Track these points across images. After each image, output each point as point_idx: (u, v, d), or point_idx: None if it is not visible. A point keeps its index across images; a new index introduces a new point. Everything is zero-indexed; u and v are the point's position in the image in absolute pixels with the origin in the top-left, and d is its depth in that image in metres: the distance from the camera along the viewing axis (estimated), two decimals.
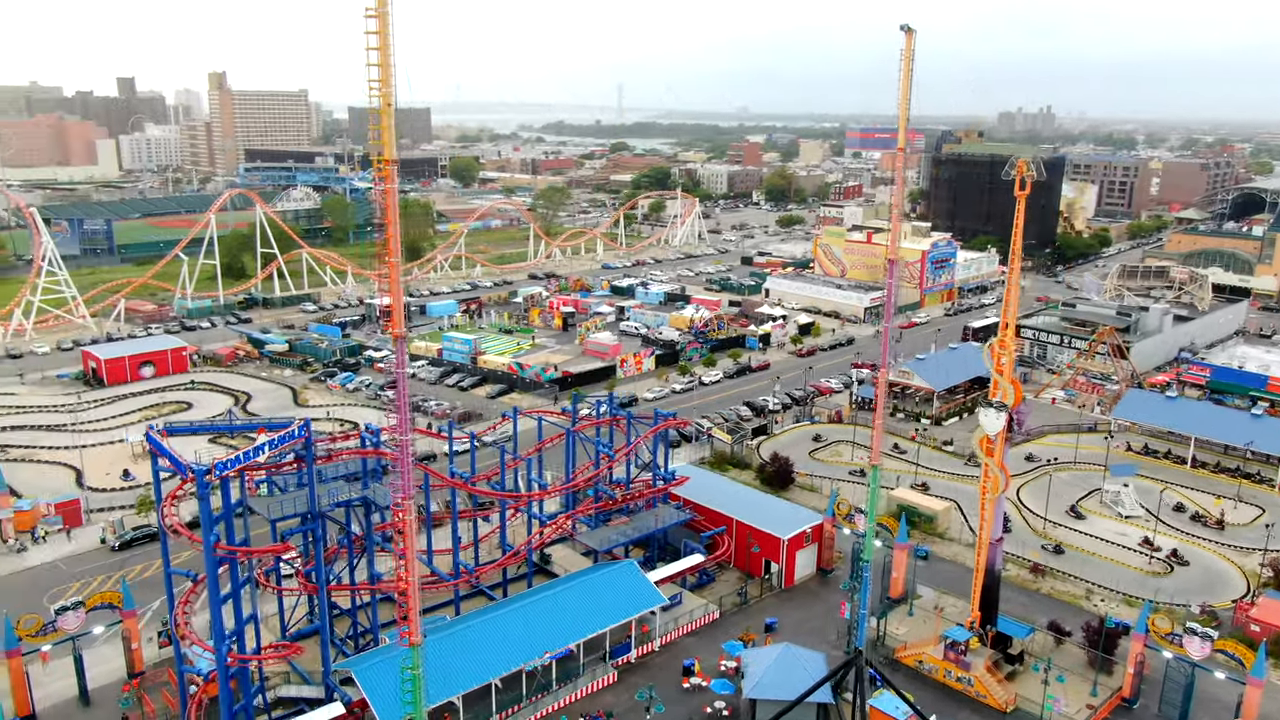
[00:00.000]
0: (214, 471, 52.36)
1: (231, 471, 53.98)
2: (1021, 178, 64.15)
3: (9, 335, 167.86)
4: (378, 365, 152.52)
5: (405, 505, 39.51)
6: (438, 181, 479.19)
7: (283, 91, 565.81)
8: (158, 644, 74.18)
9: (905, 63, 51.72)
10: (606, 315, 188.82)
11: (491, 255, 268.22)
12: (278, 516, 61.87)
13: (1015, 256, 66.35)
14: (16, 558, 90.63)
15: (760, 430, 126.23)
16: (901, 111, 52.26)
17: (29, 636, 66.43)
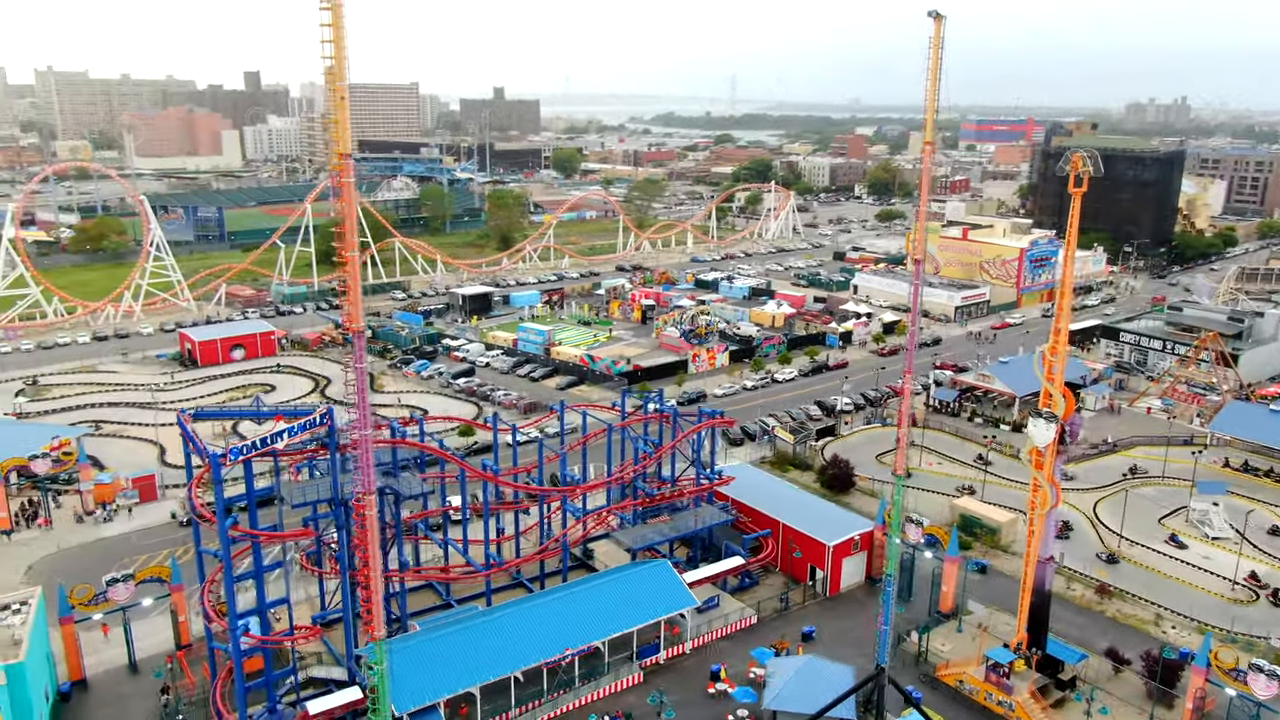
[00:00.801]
0: (228, 457, 53.63)
1: (247, 457, 55.19)
2: (1077, 174, 59.88)
3: (119, 316, 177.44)
4: (454, 354, 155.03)
5: (367, 501, 39.48)
6: (540, 173, 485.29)
7: (394, 84, 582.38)
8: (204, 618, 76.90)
9: (934, 50, 48.76)
10: (686, 309, 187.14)
11: (582, 247, 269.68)
12: (299, 502, 63.17)
13: (1069, 258, 62.14)
14: (93, 528, 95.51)
15: (827, 431, 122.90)
16: (930, 103, 49.32)
17: (81, 605, 69.64)
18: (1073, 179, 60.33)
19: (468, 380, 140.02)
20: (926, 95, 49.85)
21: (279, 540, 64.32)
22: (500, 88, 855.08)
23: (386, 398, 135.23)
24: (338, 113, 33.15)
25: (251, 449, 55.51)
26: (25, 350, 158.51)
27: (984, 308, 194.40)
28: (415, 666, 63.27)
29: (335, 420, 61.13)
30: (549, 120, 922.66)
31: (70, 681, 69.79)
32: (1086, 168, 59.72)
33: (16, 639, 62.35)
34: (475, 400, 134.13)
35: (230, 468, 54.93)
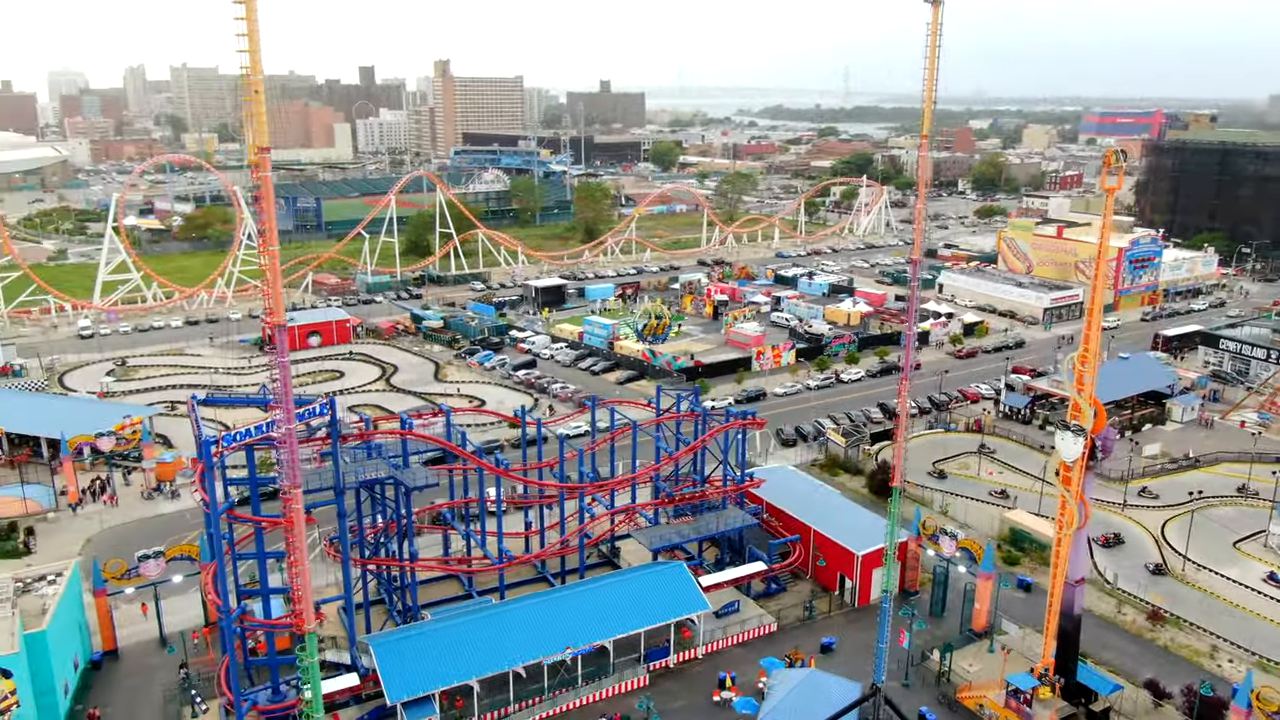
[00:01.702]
0: (220, 443, 54.91)
1: (241, 444, 56.42)
2: (1110, 169, 55.68)
3: (211, 301, 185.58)
4: (520, 345, 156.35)
5: (294, 494, 39.55)
6: (638, 166, 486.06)
7: (500, 78, 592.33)
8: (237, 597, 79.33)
9: (931, 39, 45.82)
10: (761, 305, 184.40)
11: (666, 240, 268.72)
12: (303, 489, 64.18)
13: (1101, 258, 57.87)
14: (154, 505, 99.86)
15: (885, 435, 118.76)
16: (928, 94, 46.42)
17: (114, 579, 72.75)
18: (1104, 175, 56.13)
19: (528, 372, 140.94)
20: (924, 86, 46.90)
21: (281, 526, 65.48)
22: (606, 81, 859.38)
23: (446, 387, 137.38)
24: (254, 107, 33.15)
25: (246, 436, 56.72)
26: (123, 332, 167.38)
27: (1077, 310, 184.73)
28: (413, 657, 63.77)
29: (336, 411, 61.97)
30: (654, 113, 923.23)
31: (103, 651, 73.03)
32: (1120, 163, 55.42)
33: (44, 609, 65.47)
34: (532, 392, 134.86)
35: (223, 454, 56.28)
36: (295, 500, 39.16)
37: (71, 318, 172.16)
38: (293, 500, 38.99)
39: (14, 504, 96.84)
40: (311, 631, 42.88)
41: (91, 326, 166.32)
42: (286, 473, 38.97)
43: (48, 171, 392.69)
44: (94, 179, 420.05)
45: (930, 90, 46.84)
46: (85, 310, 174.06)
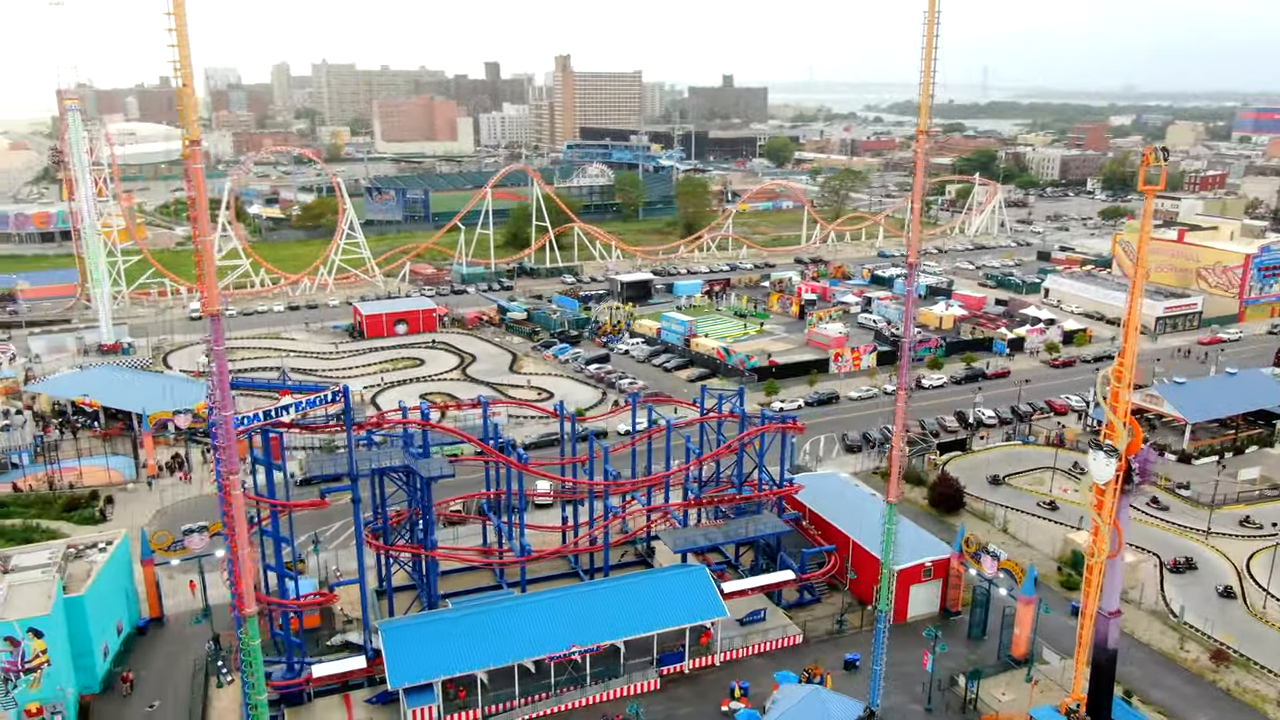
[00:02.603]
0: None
1: (250, 428, 58.26)
2: (1148, 170, 51.25)
3: (314, 288, 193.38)
4: (597, 340, 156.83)
5: (231, 480, 40.23)
6: (752, 162, 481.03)
7: (619, 73, 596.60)
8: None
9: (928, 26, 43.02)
10: (850, 305, 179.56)
11: (767, 237, 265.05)
12: (315, 475, 66.00)
13: (1140, 265, 53.39)
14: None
15: (956, 445, 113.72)
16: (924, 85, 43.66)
17: (160, 550, 76.41)
18: (1143, 175, 51.72)
19: (599, 366, 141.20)
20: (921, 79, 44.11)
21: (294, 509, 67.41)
22: (729, 76, 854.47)
23: (518, 378, 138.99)
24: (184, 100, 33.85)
25: (255, 420, 58.52)
26: (229, 316, 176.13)
27: (1194, 319, 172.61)
28: (420, 644, 64.58)
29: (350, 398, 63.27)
30: (777, 108, 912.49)
31: (148, 618, 76.91)
32: (1161, 161, 50.92)
33: (89, 574, 69.35)
34: (601, 386, 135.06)
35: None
36: (234, 486, 40.03)
37: (185, 300, 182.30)
38: (231, 486, 39.88)
39: (99, 473, 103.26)
40: (252, 615, 43.86)
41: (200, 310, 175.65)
42: (224, 458, 39.82)
43: None
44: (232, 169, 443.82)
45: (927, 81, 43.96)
46: (197, 293, 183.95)
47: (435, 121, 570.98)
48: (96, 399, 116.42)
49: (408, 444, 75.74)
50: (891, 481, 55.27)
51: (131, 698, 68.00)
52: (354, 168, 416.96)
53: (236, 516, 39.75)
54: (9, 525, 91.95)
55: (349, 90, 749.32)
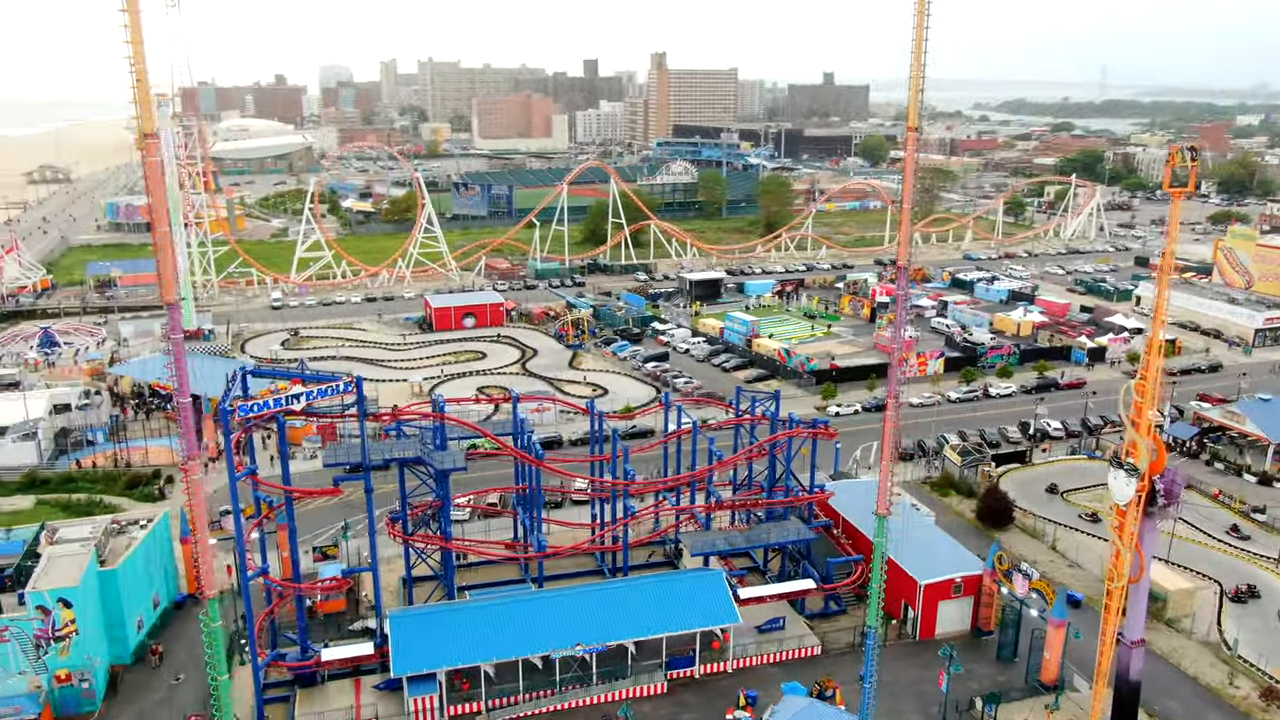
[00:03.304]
0: (237, 413, 58.50)
1: (258, 415, 59.89)
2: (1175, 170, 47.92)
3: (392, 280, 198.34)
4: (659, 339, 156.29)
5: (191, 465, 41.12)
6: (846, 160, 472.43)
7: (714, 70, 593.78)
8: (312, 558, 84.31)
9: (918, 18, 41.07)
10: (925, 309, 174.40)
11: (850, 238, 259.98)
12: (330, 463, 67.41)
13: (1164, 274, 50.02)
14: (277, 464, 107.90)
15: (1015, 457, 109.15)
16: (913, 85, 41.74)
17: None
18: (1168, 176, 48.40)
19: (656, 365, 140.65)
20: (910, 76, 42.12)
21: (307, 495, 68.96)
22: (830, 73, 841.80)
23: (574, 374, 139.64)
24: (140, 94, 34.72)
25: (264, 408, 60.10)
26: (308, 305, 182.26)
27: None
28: (426, 634, 65.40)
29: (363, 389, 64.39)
30: (879, 106, 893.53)
31: (186, 594, 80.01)
32: (1186, 163, 47.56)
33: (126, 549, 72.48)
34: (656, 384, 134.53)
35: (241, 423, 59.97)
36: (193, 470, 41.10)
37: (270, 289, 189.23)
38: (191, 470, 40.95)
39: (164, 453, 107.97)
40: (212, 598, 44.96)
41: (282, 299, 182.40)
42: (184, 443, 40.87)
43: (295, 157, 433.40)
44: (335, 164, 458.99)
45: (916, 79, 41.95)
46: (280, 283, 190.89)
47: (531, 119, 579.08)
48: (169, 382, 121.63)
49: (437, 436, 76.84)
50: (881, 493, 53.14)
51: (160, 669, 70.87)
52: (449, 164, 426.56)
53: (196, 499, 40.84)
54: (75, 499, 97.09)
55: (452, 87, 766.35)
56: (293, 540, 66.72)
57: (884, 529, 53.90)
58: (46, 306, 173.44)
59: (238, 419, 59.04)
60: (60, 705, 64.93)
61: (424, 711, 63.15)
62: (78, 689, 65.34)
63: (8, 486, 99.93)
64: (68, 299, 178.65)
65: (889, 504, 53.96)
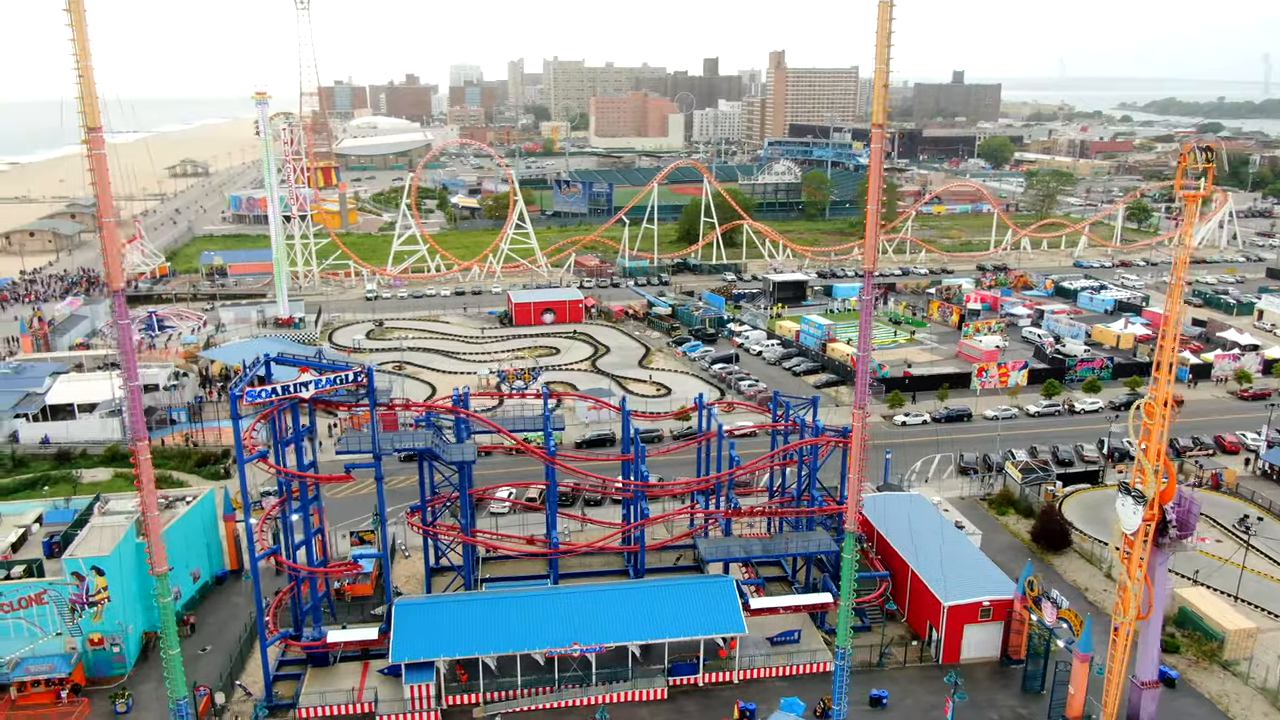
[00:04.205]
0: (245, 398, 60.72)
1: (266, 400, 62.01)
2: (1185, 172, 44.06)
3: (482, 275, 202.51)
4: (734, 340, 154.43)
5: (139, 447, 42.49)
6: (967, 162, 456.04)
7: (834, 69, 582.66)
8: (349, 542, 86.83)
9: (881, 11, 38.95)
10: (1019, 318, 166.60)
11: (956, 242, 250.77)
12: (342, 450, 69.13)
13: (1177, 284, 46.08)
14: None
15: (1087, 477, 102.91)
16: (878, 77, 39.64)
17: (240, 508, 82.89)
18: (1179, 178, 44.54)
19: (724, 366, 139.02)
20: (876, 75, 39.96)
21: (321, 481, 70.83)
22: (960, 71, 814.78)
23: (642, 373, 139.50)
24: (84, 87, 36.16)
25: (272, 394, 62.16)
26: (400, 297, 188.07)
27: None
28: (428, 623, 66.43)
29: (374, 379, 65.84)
30: (1012, 106, 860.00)
31: (228, 569, 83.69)
32: (1198, 164, 43.63)
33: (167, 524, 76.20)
34: (720, 386, 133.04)
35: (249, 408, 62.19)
36: (141, 451, 42.64)
37: (366, 281, 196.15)
38: (139, 452, 42.52)
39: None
40: (161, 574, 46.51)
41: (376, 290, 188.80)
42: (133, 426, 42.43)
43: (415, 154, 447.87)
44: (453, 161, 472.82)
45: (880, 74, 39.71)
46: (377, 275, 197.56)
47: (647, 117, 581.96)
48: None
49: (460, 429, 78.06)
50: (850, 509, 50.69)
51: (190, 640, 74.24)
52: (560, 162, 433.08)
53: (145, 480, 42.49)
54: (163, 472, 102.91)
55: (574, 86, 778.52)
56: (306, 523, 68.73)
57: (851, 546, 51.45)
58: (162, 292, 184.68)
59: (245, 403, 61.16)
60: (92, 666, 68.86)
61: (419, 699, 64.13)
62: (109, 652, 69.15)
63: (92, 459, 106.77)
64: (182, 286, 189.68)
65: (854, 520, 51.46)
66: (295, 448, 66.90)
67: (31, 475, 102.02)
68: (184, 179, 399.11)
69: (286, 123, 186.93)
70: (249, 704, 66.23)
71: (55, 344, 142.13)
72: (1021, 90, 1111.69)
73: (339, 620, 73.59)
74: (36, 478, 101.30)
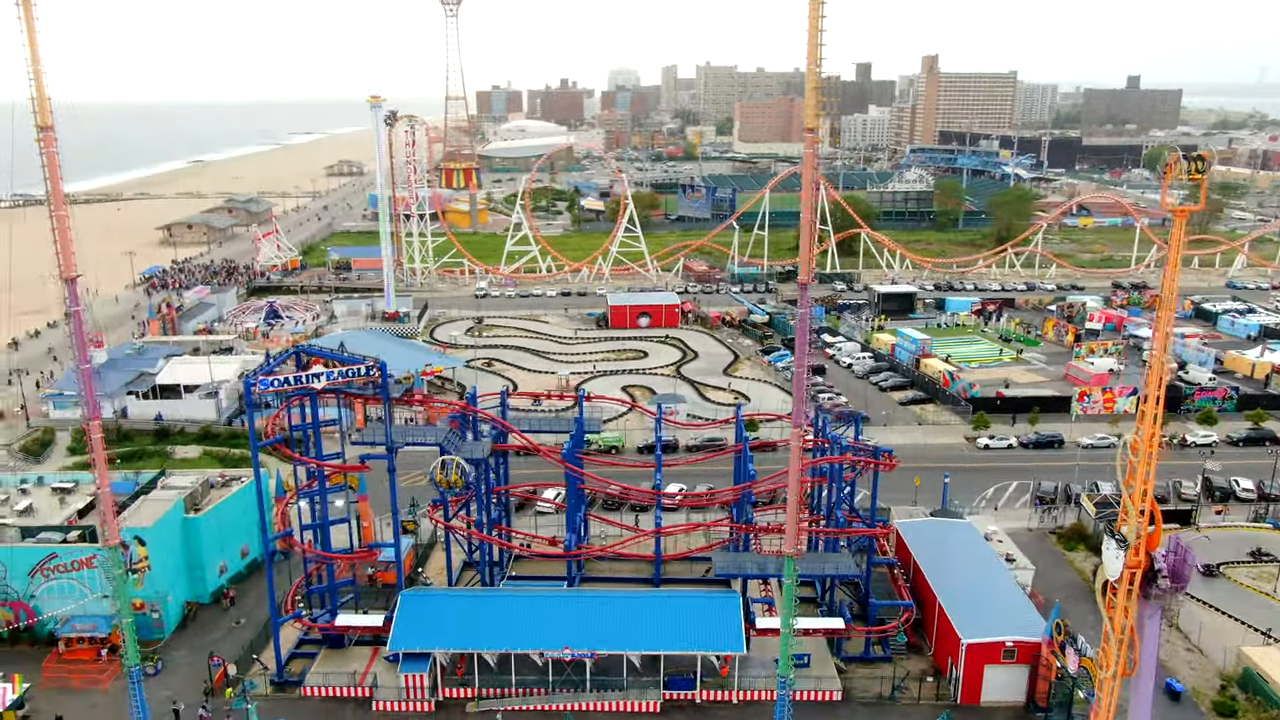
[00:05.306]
0: (258, 386, 63.63)
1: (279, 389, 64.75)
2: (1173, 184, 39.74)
3: (591, 277, 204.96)
4: (825, 351, 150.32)
5: (93, 425, 44.70)
6: (1129, 172, 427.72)
7: (990, 74, 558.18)
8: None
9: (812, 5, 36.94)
10: (1144, 340, 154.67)
11: (1097, 257, 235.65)
12: (357, 441, 71.22)
13: (1165, 307, 41.65)
14: None
15: (1178, 517, 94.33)
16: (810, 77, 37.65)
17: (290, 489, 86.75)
18: (1164, 190, 40.30)
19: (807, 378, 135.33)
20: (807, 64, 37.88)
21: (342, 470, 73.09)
22: (1135, 76, 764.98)
23: (722, 379, 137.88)
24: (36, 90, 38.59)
25: (285, 383, 64.80)
26: (508, 296, 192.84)
27: None
28: (429, 616, 67.78)
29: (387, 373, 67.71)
30: (1196, 114, 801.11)
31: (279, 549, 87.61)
32: (1184, 175, 39.26)
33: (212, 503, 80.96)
34: None
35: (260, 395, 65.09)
36: (94, 430, 45.07)
37: (478, 279, 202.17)
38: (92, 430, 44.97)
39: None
40: (114, 546, 48.87)
41: (485, 289, 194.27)
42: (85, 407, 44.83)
43: (555, 156, 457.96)
44: (593, 165, 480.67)
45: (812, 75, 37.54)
46: (490, 274, 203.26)
47: (792, 123, 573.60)
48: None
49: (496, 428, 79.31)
50: (789, 533, 48.04)
51: (228, 613, 78.57)
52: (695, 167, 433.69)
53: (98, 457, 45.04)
54: (233, 454, 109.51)
55: (724, 91, 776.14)
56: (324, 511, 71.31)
57: (792, 571, 48.86)
58: (289, 284, 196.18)
59: (258, 391, 64.07)
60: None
61: (414, 689, 65.48)
62: (149, 618, 73.90)
63: (187, 437, 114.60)
64: (309, 279, 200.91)
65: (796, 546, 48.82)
66: (315, 437, 69.43)
67: (132, 448, 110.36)
68: (338, 178, 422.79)
69: (409, 125, 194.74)
70: (264, 677, 69.31)
71: (181, 329, 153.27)
72: (1208, 97, 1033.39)
73: (361, 605, 75.95)
74: (135, 450, 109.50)
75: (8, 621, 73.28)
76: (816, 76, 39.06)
